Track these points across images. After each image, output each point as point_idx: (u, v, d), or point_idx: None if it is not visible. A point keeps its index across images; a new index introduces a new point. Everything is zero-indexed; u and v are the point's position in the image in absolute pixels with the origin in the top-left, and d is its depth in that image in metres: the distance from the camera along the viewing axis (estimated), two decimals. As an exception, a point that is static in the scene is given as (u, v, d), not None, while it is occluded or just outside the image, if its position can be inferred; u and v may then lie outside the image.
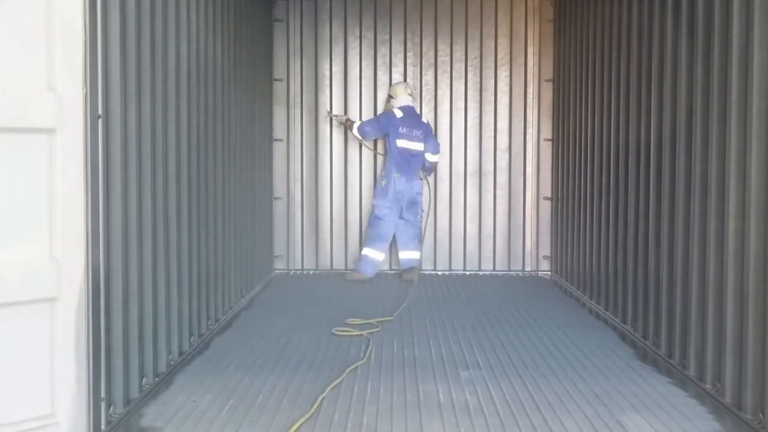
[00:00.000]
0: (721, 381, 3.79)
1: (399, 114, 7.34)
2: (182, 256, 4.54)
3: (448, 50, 8.04)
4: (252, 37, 6.73)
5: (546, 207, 7.97)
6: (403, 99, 7.48)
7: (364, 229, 8.07)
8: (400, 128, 7.30)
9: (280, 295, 6.85)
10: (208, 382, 4.05)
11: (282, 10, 8.03)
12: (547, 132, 7.95)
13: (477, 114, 8.03)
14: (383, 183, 7.38)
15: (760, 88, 3.47)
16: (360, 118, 7.99)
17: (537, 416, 3.54)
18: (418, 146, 7.42)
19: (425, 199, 7.80)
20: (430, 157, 7.56)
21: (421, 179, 7.69)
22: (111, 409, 3.38)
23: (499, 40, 8.00)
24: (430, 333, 5.26)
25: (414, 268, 7.53)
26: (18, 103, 2.81)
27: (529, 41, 8.00)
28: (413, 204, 7.53)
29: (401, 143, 7.32)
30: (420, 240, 7.71)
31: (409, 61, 8.06)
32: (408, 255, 7.59)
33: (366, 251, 7.48)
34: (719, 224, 3.88)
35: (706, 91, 4.05)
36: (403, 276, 7.52)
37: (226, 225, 5.69)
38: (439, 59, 8.05)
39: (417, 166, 7.53)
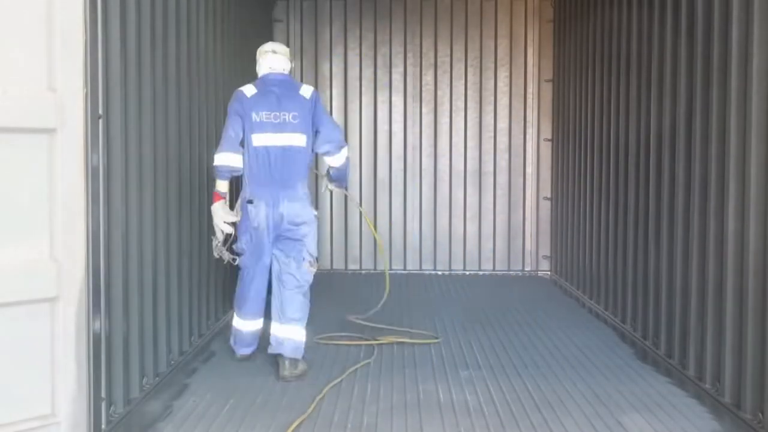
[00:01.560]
0: (720, 381, 3.79)
1: (251, 91, 4.35)
2: (182, 255, 4.54)
3: (448, 51, 8.04)
4: (252, 38, 6.73)
5: (546, 207, 7.97)
6: (266, 63, 4.49)
7: (364, 230, 8.06)
8: (254, 114, 4.26)
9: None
10: (208, 382, 4.06)
11: (282, 10, 8.03)
12: (547, 132, 7.95)
13: (477, 114, 8.03)
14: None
15: (759, 88, 3.47)
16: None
17: (537, 416, 3.54)
18: (289, 139, 4.30)
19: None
20: (330, 160, 4.48)
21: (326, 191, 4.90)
22: (111, 408, 3.38)
23: (498, 41, 8.00)
24: (430, 333, 5.26)
25: (293, 359, 4.21)
26: (18, 103, 2.81)
27: (529, 42, 8.00)
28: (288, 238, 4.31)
29: (260, 139, 4.27)
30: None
31: (409, 61, 8.06)
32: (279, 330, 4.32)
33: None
34: (719, 224, 3.88)
35: (706, 91, 4.05)
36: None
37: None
38: (439, 60, 8.05)
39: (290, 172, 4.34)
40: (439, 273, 7.99)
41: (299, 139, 4.31)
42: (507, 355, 4.65)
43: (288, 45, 7.94)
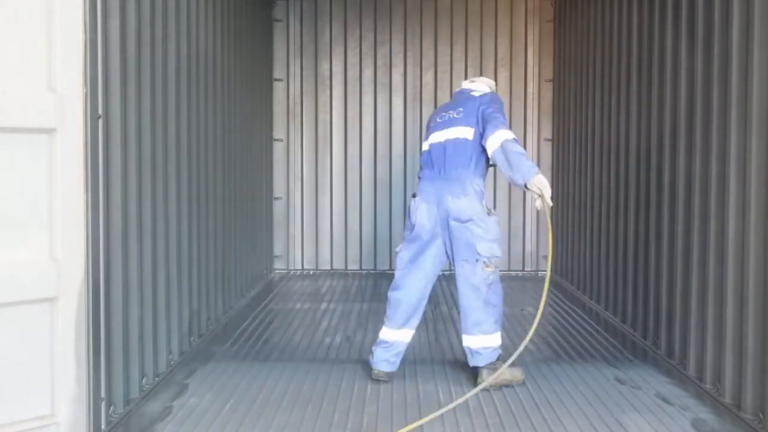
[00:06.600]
0: (721, 381, 3.79)
1: None
2: (182, 256, 4.54)
3: (448, 50, 8.04)
4: (252, 37, 6.73)
5: (546, 207, 7.96)
6: None
7: (365, 231, 8.06)
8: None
9: (280, 295, 6.85)
10: (208, 382, 4.06)
11: (282, 10, 8.04)
12: (547, 132, 7.95)
13: (477, 114, 8.02)
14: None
15: (760, 87, 3.46)
16: (360, 122, 8.02)
17: (537, 416, 3.54)
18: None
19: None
20: None
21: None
22: (111, 409, 3.38)
23: (499, 41, 8.00)
24: (430, 333, 5.26)
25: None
26: (18, 103, 2.81)
27: (529, 41, 8.00)
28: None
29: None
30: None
31: (409, 61, 8.06)
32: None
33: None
34: (719, 224, 3.88)
35: (706, 91, 4.05)
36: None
37: (226, 225, 5.69)
38: (439, 59, 8.05)
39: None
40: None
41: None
42: (507, 355, 4.64)
43: (288, 45, 8.04)
